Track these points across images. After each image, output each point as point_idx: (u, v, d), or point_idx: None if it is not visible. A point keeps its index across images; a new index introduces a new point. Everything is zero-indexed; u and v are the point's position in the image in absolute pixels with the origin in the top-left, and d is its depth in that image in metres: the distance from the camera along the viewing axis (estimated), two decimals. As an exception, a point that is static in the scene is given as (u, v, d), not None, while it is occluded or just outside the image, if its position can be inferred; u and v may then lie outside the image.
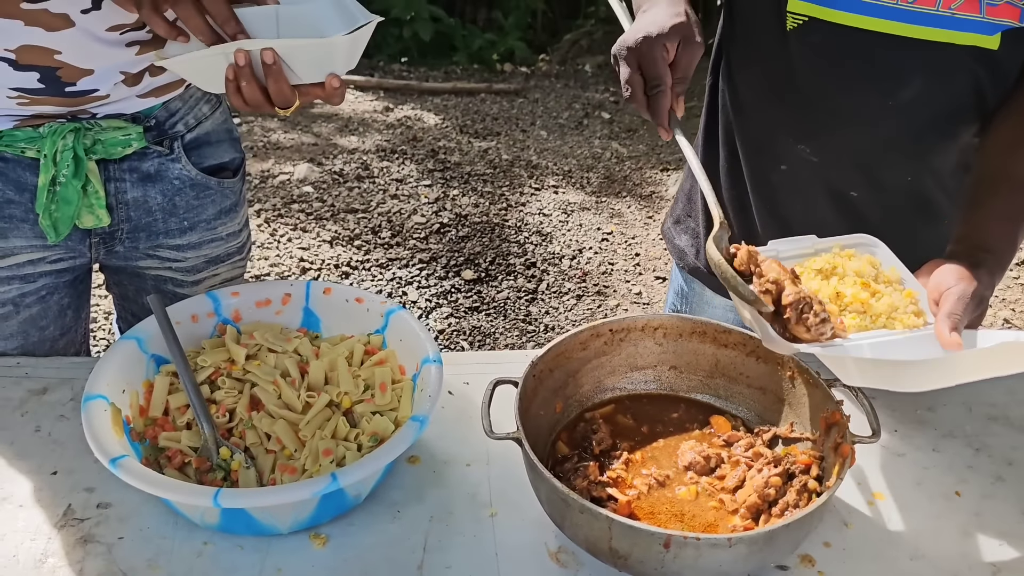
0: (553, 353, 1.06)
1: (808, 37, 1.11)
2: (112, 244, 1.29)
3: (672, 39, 1.00)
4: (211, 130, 1.32)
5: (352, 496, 0.98)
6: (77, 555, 0.94)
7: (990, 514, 1.02)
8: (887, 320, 0.95)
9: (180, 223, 1.30)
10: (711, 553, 0.83)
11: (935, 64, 1.08)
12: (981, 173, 1.07)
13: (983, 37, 1.06)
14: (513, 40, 6.01)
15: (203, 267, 1.37)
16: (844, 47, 1.10)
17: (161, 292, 1.36)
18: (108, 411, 0.97)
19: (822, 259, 1.03)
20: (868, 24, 1.07)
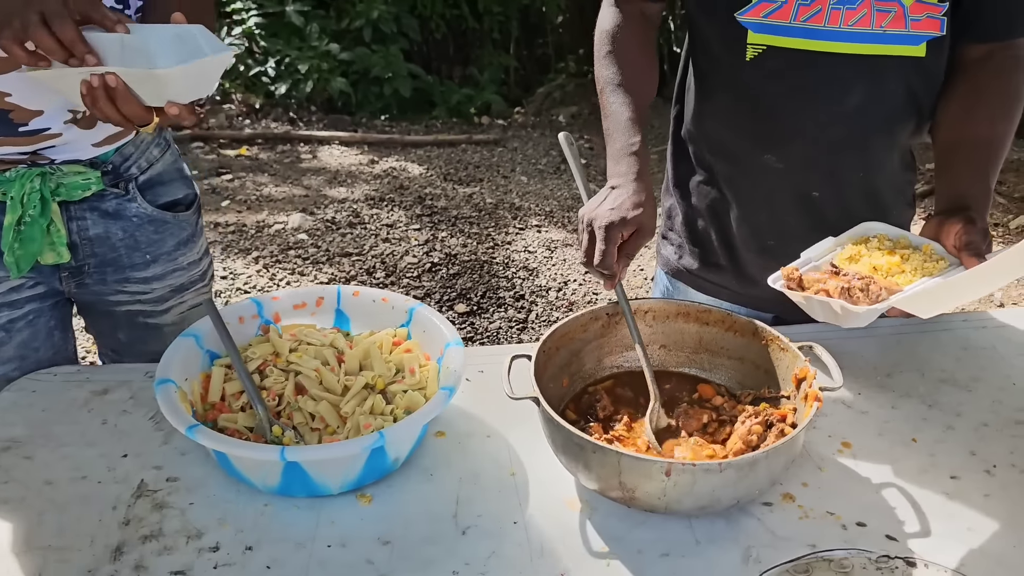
0: (559, 333, 1.22)
1: (766, 63, 1.31)
2: (81, 278, 1.41)
3: (629, 227, 1.19)
4: (162, 171, 1.46)
5: (392, 460, 1.12)
6: (155, 517, 1.07)
7: (942, 455, 1.19)
8: (922, 271, 1.16)
9: (143, 256, 1.43)
10: (705, 478, 0.98)
11: (874, 74, 1.28)
12: (943, 145, 1.29)
13: (911, 47, 1.26)
14: (489, 94, 6.28)
15: (169, 296, 1.49)
16: (797, 67, 1.29)
17: (134, 325, 1.49)
18: (177, 392, 1.12)
19: (847, 251, 1.23)
20: (816, 46, 1.27)
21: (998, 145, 1.26)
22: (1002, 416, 1.26)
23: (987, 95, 1.28)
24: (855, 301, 1.07)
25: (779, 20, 1.26)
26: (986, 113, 1.27)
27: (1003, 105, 1.28)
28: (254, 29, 5.90)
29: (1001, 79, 1.29)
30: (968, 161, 1.25)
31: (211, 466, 1.15)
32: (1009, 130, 1.28)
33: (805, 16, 1.25)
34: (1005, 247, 1.13)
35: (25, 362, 1.40)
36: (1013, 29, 1.28)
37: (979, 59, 1.30)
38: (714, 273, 1.53)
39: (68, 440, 1.20)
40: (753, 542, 1.04)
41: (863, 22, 1.24)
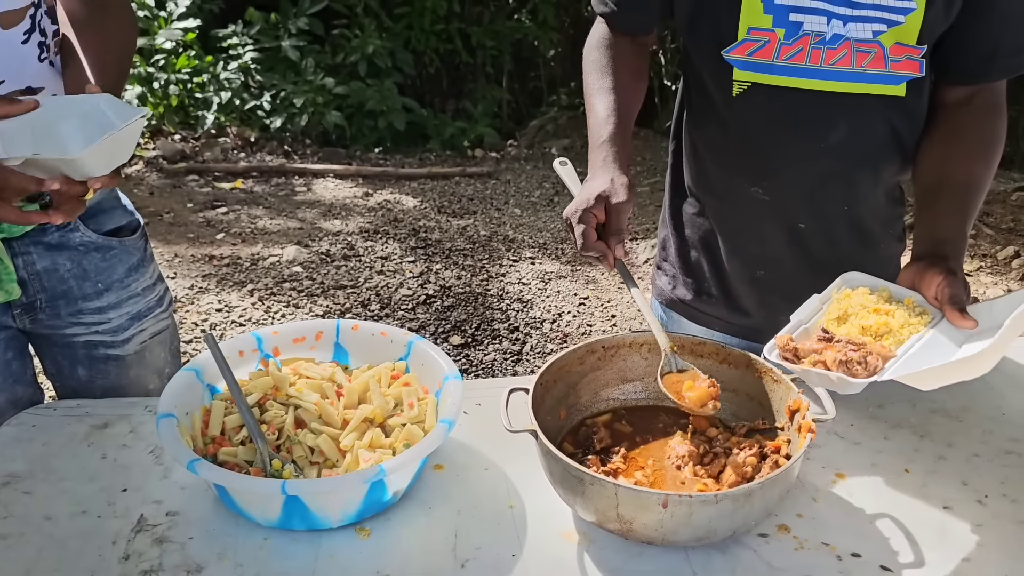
0: (556, 366, 1.23)
1: (751, 99, 1.34)
2: (34, 314, 1.41)
3: (598, 207, 1.22)
4: (101, 199, 1.45)
5: (391, 494, 1.13)
6: (155, 552, 1.08)
7: (935, 485, 1.20)
8: (909, 328, 1.16)
9: (95, 285, 1.43)
10: (702, 509, 0.99)
11: (855, 111, 1.31)
12: (922, 187, 1.32)
13: (891, 87, 1.30)
14: (483, 127, 6.35)
15: (128, 324, 1.48)
16: (781, 104, 1.33)
17: (94, 359, 1.47)
18: (179, 427, 1.13)
19: (833, 310, 1.22)
20: (799, 84, 1.30)
21: (975, 189, 1.28)
22: (993, 446, 1.27)
23: (965, 139, 1.31)
24: (853, 373, 1.08)
25: (763, 59, 1.30)
26: (964, 157, 1.30)
27: (981, 149, 1.31)
28: (250, 64, 5.97)
29: (979, 123, 1.32)
30: (946, 205, 1.27)
31: (211, 500, 1.16)
32: (987, 175, 1.31)
33: (788, 55, 1.29)
34: (991, 300, 1.15)
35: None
36: (987, 72, 1.31)
37: (958, 102, 1.33)
38: (707, 304, 1.56)
39: (68, 474, 1.21)
40: (749, 574, 1.05)
41: (844, 62, 1.28)
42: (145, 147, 5.58)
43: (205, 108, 5.80)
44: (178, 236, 4.36)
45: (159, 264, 1.64)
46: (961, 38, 1.28)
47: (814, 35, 1.27)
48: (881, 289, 1.23)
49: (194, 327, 3.50)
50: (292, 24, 6.08)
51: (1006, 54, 1.29)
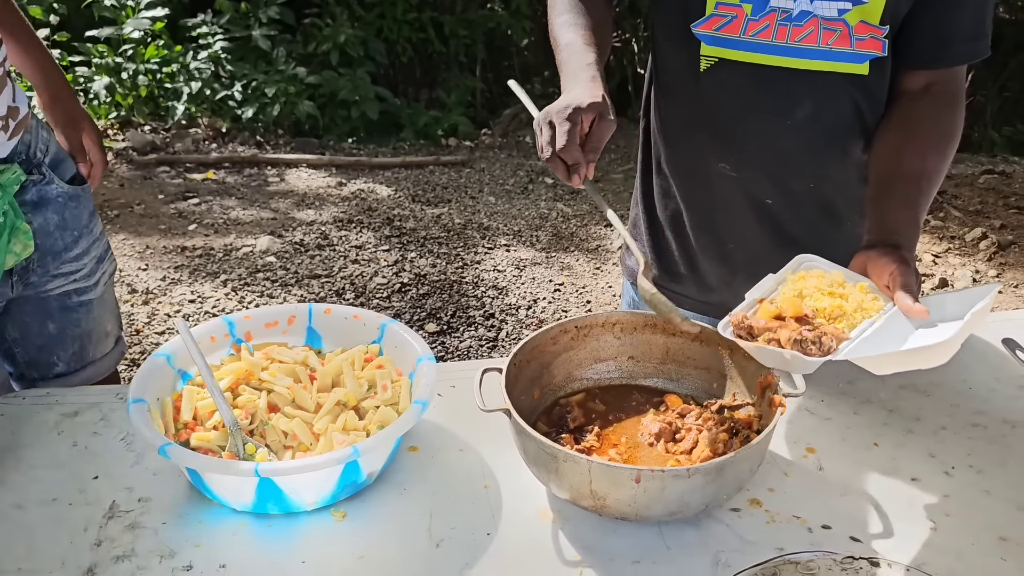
0: (529, 346, 1.24)
1: (718, 75, 1.35)
2: (27, 276, 1.45)
3: (589, 113, 1.16)
4: (56, 150, 1.51)
5: (365, 475, 1.13)
6: (127, 538, 1.07)
7: (903, 458, 1.22)
8: (863, 313, 1.15)
9: (72, 234, 1.48)
10: (674, 484, 1.00)
11: (820, 89, 1.33)
12: (877, 175, 1.32)
13: (855, 65, 1.31)
14: (456, 116, 6.32)
15: (96, 268, 1.55)
16: (747, 80, 1.34)
17: (67, 308, 1.53)
18: (149, 412, 1.12)
19: (788, 289, 1.21)
20: (765, 60, 1.31)
21: (929, 180, 1.29)
22: (959, 419, 1.30)
23: (922, 130, 1.31)
24: (808, 353, 1.08)
25: (730, 34, 1.31)
26: (919, 148, 1.30)
27: (936, 142, 1.31)
28: (220, 53, 5.90)
29: (936, 114, 1.32)
30: (901, 196, 1.27)
31: (184, 486, 1.15)
32: (942, 166, 1.31)
33: (754, 31, 1.30)
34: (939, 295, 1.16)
35: None
36: (943, 58, 1.32)
37: (917, 91, 1.34)
38: (676, 283, 1.57)
39: (37, 463, 1.20)
40: (722, 547, 1.06)
41: (810, 39, 1.29)
42: (114, 138, 5.50)
43: (175, 99, 5.72)
44: (149, 228, 4.31)
45: (131, 255, 1.69)
46: (919, 23, 1.29)
47: (781, 11, 1.28)
48: (835, 273, 1.23)
49: (167, 318, 3.47)
50: (263, 13, 6.00)
51: (962, 40, 1.30)
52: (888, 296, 1.15)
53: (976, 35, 1.30)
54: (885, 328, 1.12)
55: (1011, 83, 7.24)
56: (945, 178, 1.36)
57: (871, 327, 1.12)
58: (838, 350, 1.08)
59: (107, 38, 5.73)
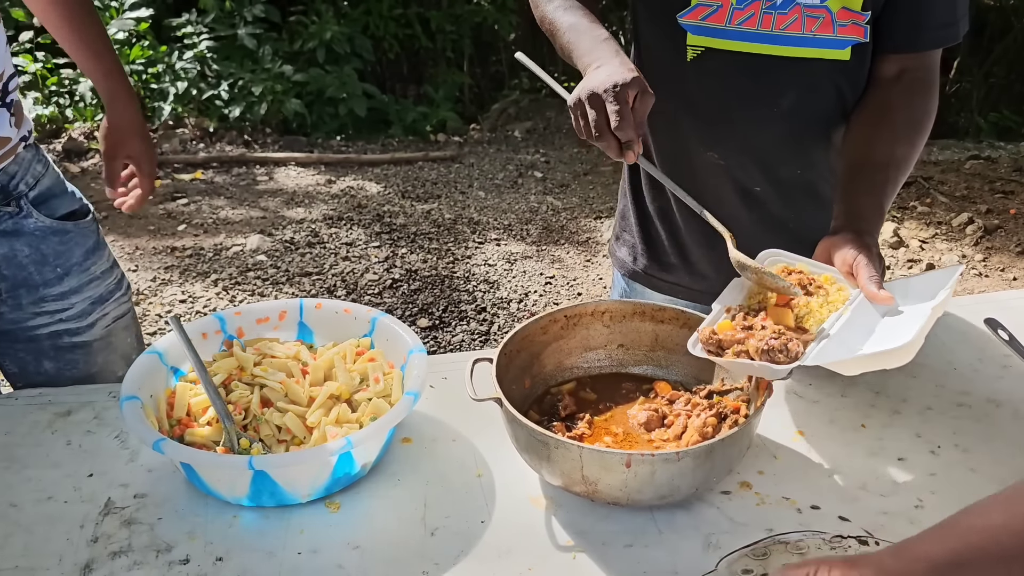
0: (519, 336, 1.25)
1: (705, 64, 1.36)
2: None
3: (634, 88, 1.12)
4: (51, 185, 1.46)
5: (359, 467, 1.14)
6: (123, 534, 1.08)
7: (890, 439, 1.24)
8: (828, 308, 1.16)
9: (54, 270, 1.42)
10: (664, 467, 1.02)
11: (805, 76, 1.34)
12: (847, 162, 1.33)
13: (838, 51, 1.32)
14: (444, 112, 6.32)
15: (91, 309, 1.48)
16: (734, 69, 1.35)
17: (60, 349, 1.47)
18: (142, 408, 1.13)
19: (753, 291, 1.21)
20: (751, 48, 1.33)
21: (897, 168, 1.29)
22: (945, 400, 1.31)
23: (893, 118, 1.32)
24: (777, 361, 1.08)
25: (716, 23, 1.32)
26: (889, 136, 1.30)
27: (906, 129, 1.31)
28: (206, 53, 5.88)
29: (909, 102, 1.33)
30: (867, 183, 1.28)
31: (179, 481, 1.16)
32: (910, 153, 1.32)
33: (740, 20, 1.31)
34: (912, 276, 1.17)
35: None
36: (915, 42, 1.32)
37: (890, 78, 1.35)
38: (667, 272, 1.58)
39: (32, 463, 1.20)
40: (713, 529, 1.08)
41: (794, 26, 1.30)
42: (101, 140, 5.48)
43: (161, 99, 5.70)
44: (138, 229, 4.30)
45: (120, 257, 1.64)
46: (895, 8, 1.30)
47: (765, 0, 1.29)
48: (801, 265, 1.23)
49: (158, 319, 3.47)
50: (247, 11, 5.98)
51: (935, 25, 1.31)
52: (852, 283, 1.16)
53: (949, 20, 1.31)
54: (852, 321, 1.12)
55: (996, 69, 7.28)
56: (931, 164, 1.38)
57: (838, 320, 1.13)
58: (805, 355, 1.08)
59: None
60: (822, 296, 1.17)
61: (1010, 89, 7.25)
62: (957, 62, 7.30)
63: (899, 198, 4.54)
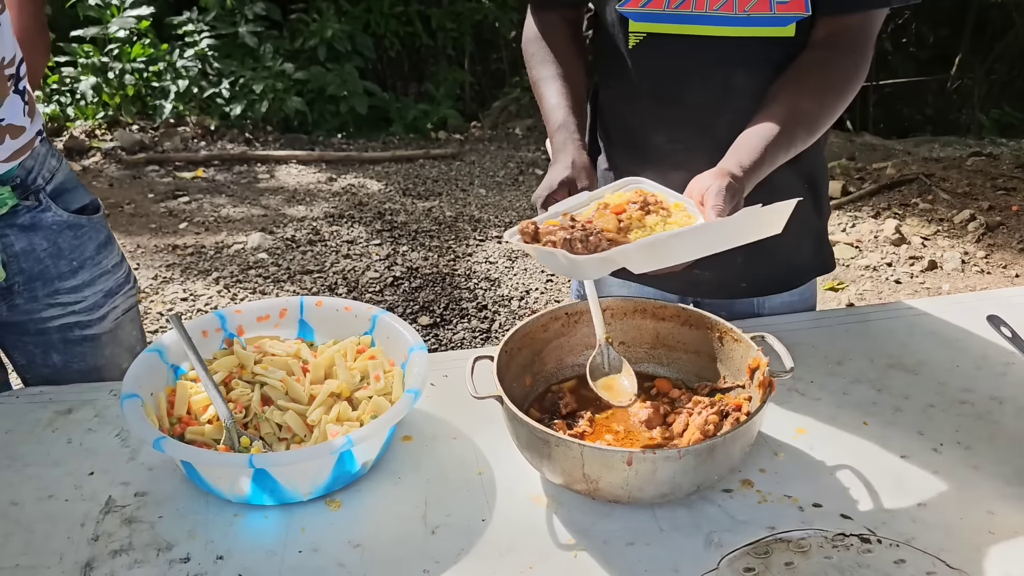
0: (520, 334, 1.25)
1: (647, 49, 1.37)
2: (12, 299, 1.42)
3: (561, 192, 1.21)
4: (64, 179, 1.47)
5: (360, 465, 1.14)
6: (124, 532, 1.08)
7: (892, 436, 1.23)
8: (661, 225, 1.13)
9: (69, 264, 1.44)
10: (665, 465, 1.01)
11: (748, 55, 1.32)
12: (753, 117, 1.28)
13: (779, 29, 1.30)
14: (445, 109, 6.32)
15: (103, 302, 1.50)
16: (676, 52, 1.35)
17: (69, 342, 1.48)
18: (143, 407, 1.12)
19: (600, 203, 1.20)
20: (690, 31, 1.33)
21: (796, 121, 1.23)
22: (947, 397, 1.31)
23: (806, 75, 1.27)
24: (575, 251, 1.05)
25: (654, 8, 1.33)
26: (795, 90, 1.26)
27: (819, 87, 1.26)
28: (207, 51, 5.88)
29: (827, 60, 1.28)
30: (758, 128, 1.23)
31: (179, 480, 1.16)
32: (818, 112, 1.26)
33: (677, 3, 1.31)
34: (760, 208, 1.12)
35: None
36: (842, 4, 1.28)
37: (819, 41, 1.30)
38: None
39: (33, 460, 1.20)
40: (714, 527, 1.07)
41: (727, 7, 1.30)
42: (103, 138, 5.48)
43: (162, 97, 5.70)
44: (140, 227, 4.30)
45: None
46: None
47: None
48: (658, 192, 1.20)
49: (159, 317, 3.47)
50: (248, 9, 5.98)
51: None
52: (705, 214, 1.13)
53: None
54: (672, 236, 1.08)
55: (998, 66, 7.27)
56: (933, 161, 1.36)
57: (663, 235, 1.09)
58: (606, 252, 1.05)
59: (92, 38, 5.71)
60: (661, 216, 1.15)
61: (1012, 86, 7.24)
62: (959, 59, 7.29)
63: (900, 195, 4.54)
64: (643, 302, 1.31)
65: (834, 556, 1.02)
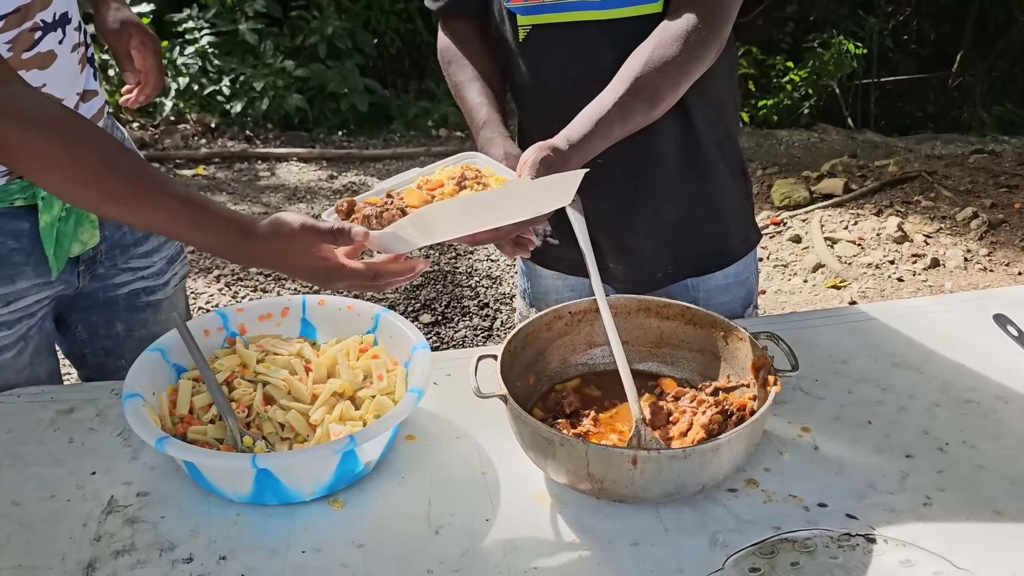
0: (523, 333, 1.24)
1: (534, 41, 1.38)
2: (95, 267, 1.45)
3: None
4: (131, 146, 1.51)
5: (363, 464, 1.13)
6: (126, 532, 1.07)
7: (897, 436, 1.23)
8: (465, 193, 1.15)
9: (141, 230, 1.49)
10: (671, 465, 1.01)
11: (625, 35, 1.30)
12: None
13: (651, 5, 1.30)
14: (446, 107, 6.30)
15: (166, 268, 1.56)
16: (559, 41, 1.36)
17: (134, 308, 1.53)
18: (145, 406, 1.12)
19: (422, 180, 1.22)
20: (570, 17, 1.33)
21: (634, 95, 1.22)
22: (952, 396, 1.30)
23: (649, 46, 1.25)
24: (371, 227, 1.08)
25: (537, 1, 1.33)
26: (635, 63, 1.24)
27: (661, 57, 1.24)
28: (207, 48, 5.86)
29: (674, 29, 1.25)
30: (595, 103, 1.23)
31: (181, 479, 1.15)
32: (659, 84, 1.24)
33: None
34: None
35: (35, 369, 1.40)
36: None
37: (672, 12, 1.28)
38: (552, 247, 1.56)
39: (34, 460, 1.20)
40: (720, 527, 1.07)
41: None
42: (103, 136, 5.47)
43: (163, 95, 5.69)
44: (140, 225, 4.29)
45: None
46: None
47: None
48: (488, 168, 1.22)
49: (160, 316, 3.46)
50: (249, 7, 5.97)
51: None
52: None
53: None
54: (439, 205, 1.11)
55: (1000, 63, 7.26)
56: (935, 158, 1.35)
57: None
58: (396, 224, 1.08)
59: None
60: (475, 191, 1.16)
61: (1013, 83, 7.23)
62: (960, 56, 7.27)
63: (903, 192, 4.53)
64: (647, 301, 1.31)
65: (840, 556, 1.02)
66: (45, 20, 1.23)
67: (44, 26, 1.23)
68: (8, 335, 1.34)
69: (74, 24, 1.31)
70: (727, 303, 1.56)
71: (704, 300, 1.54)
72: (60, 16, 1.26)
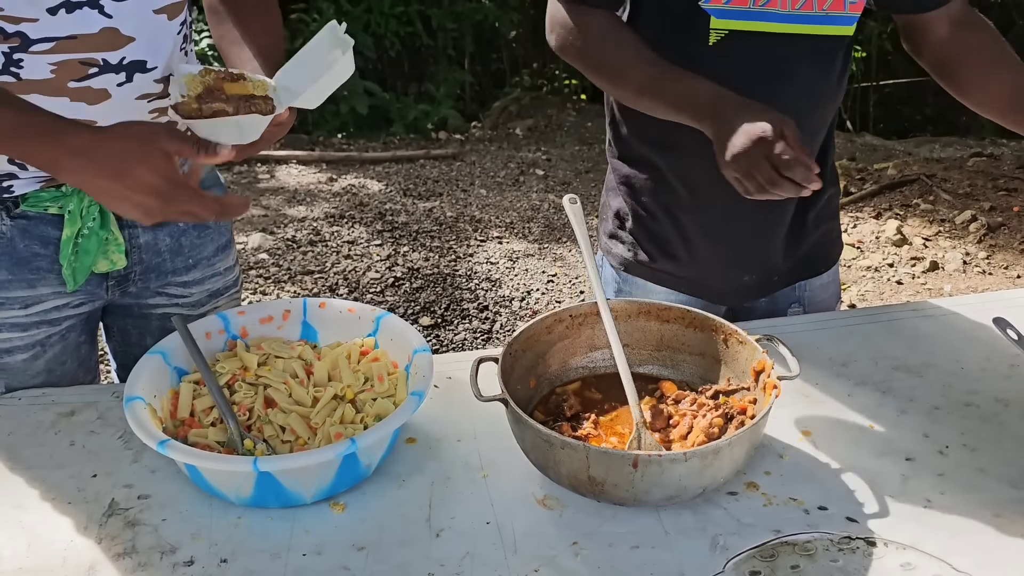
0: (524, 336, 1.24)
1: (728, 47, 1.36)
2: (126, 285, 1.43)
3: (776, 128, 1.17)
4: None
5: (364, 466, 1.13)
6: (127, 535, 1.07)
7: (897, 439, 1.23)
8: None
9: (185, 261, 1.46)
10: (671, 468, 1.01)
11: (817, 53, 1.37)
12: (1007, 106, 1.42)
13: (845, 27, 1.36)
14: (446, 109, 6.32)
15: (206, 301, 1.51)
16: (755, 50, 1.36)
17: (167, 331, 1.44)
18: (146, 409, 1.12)
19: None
20: (771, 28, 1.34)
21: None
22: (952, 399, 1.31)
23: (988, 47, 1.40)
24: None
25: (740, 5, 1.33)
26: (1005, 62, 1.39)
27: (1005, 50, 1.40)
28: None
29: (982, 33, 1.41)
30: None
31: (183, 482, 1.15)
32: None
33: (763, 1, 1.32)
34: None
35: (51, 376, 1.40)
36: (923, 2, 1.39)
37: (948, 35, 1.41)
38: (671, 263, 1.55)
39: (35, 463, 1.20)
40: (720, 530, 1.07)
41: (808, 5, 1.33)
42: (102, 138, 5.47)
43: (163, 97, 5.69)
44: (140, 227, 4.30)
45: None
46: None
47: None
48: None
49: (160, 318, 3.47)
50: (249, 9, 5.97)
51: None
52: None
53: None
54: None
55: (998, 66, 7.24)
56: (934, 161, 1.42)
57: None
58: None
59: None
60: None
61: (1013, 86, 7.21)
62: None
63: (902, 195, 4.54)
64: (647, 304, 1.31)
65: (840, 559, 1.02)
66: (108, 60, 1.20)
67: (103, 65, 1.20)
68: (22, 336, 1.34)
69: (155, 76, 1.27)
70: (825, 300, 1.62)
71: (809, 299, 1.59)
72: (132, 62, 1.23)
